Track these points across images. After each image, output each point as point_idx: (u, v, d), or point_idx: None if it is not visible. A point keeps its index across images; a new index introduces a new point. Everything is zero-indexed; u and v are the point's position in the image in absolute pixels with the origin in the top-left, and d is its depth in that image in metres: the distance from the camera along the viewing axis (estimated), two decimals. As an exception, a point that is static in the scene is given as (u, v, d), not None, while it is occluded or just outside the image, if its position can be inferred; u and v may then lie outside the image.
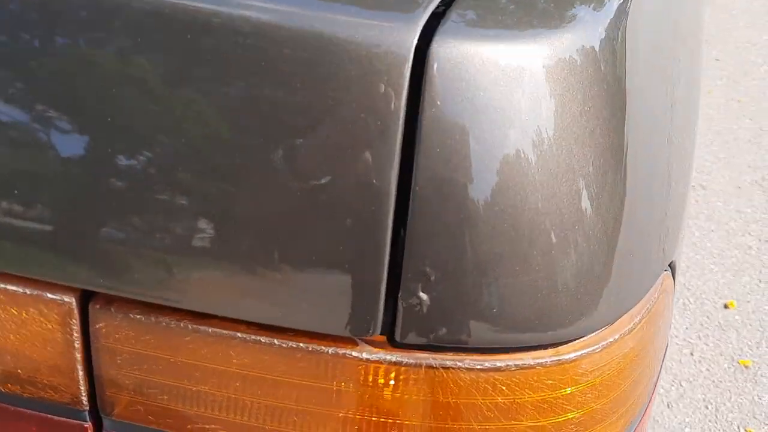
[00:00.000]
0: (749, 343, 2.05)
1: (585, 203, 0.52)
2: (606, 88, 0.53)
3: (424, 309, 0.51)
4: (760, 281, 2.25)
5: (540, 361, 0.54)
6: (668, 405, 1.87)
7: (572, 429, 0.57)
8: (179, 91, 0.51)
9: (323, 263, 0.51)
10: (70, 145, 0.53)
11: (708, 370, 1.96)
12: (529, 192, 0.50)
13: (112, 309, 0.56)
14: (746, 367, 1.97)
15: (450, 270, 0.50)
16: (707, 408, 1.86)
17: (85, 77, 0.51)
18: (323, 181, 0.50)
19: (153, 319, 0.56)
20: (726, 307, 2.16)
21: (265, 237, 0.51)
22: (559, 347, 0.55)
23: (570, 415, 0.56)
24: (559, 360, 0.54)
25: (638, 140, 0.57)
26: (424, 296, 0.51)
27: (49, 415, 0.62)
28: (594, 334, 0.55)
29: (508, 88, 0.49)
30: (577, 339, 0.55)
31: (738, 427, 1.81)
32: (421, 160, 0.49)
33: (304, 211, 0.50)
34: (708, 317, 2.13)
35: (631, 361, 0.58)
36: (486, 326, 0.52)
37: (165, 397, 0.58)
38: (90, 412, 0.61)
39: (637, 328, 0.58)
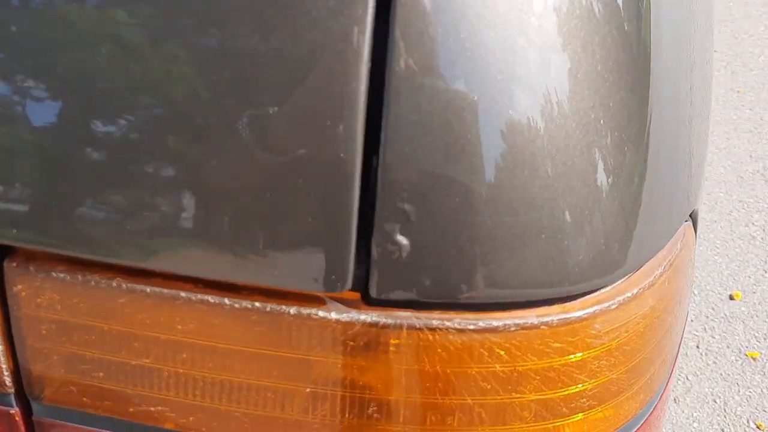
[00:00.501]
0: (756, 334, 1.98)
1: (599, 128, 0.43)
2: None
3: (404, 256, 0.43)
4: (765, 271, 2.19)
5: (545, 319, 0.45)
6: (675, 400, 1.80)
7: (583, 403, 0.48)
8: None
9: (279, 202, 0.42)
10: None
11: (715, 362, 1.90)
12: (529, 111, 0.41)
13: (32, 267, 0.48)
14: (754, 359, 1.90)
15: (434, 206, 0.41)
16: (715, 402, 1.79)
17: None
18: (278, 92, 0.41)
19: (80, 278, 0.47)
20: (731, 298, 2.10)
21: (209, 170, 0.42)
22: (567, 303, 0.46)
23: (581, 387, 0.47)
24: (567, 318, 0.45)
25: (663, 86, 0.48)
26: (402, 240, 0.42)
27: (-32, 400, 0.53)
28: (609, 288, 0.47)
29: None
30: (589, 293, 0.46)
31: (747, 421, 1.74)
32: (396, 62, 0.40)
33: (253, 136, 0.41)
34: (713, 309, 2.06)
35: (652, 322, 0.49)
36: (479, 277, 0.43)
37: (100, 374, 0.50)
38: (16, 395, 0.53)
39: (659, 282, 0.49)
